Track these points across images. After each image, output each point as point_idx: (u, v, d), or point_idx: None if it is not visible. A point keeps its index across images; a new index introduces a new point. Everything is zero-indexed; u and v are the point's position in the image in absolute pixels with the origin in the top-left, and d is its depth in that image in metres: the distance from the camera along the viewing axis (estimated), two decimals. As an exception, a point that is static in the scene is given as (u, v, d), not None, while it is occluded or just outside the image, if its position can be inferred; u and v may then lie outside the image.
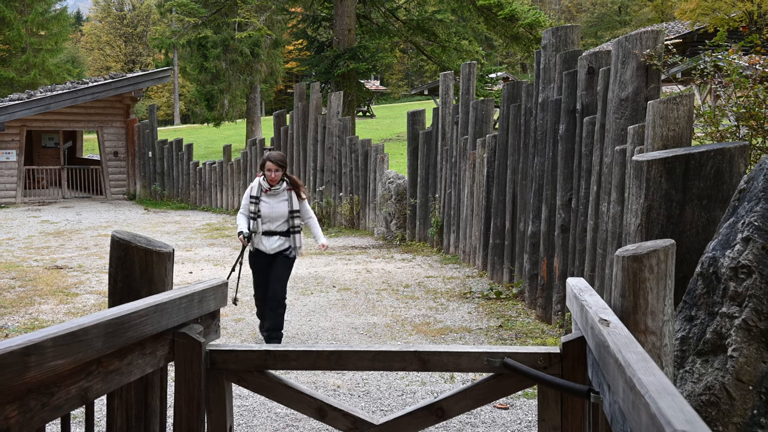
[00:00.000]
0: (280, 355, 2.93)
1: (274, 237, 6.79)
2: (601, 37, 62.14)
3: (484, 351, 2.84)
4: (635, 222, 4.41)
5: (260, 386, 3.02)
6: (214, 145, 36.18)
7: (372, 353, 2.88)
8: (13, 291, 9.13)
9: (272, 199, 6.81)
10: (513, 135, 9.13)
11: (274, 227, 6.79)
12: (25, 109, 20.58)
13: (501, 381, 2.88)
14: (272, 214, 6.76)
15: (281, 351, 2.93)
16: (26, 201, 21.50)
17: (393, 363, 2.90)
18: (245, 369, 2.98)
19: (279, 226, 6.79)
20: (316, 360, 2.93)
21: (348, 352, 2.90)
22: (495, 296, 8.72)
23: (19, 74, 42.30)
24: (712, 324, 3.35)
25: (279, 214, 6.78)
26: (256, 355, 2.94)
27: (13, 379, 1.91)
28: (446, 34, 24.79)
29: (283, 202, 6.81)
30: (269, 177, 6.73)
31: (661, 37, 6.00)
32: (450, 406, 2.89)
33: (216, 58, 27.78)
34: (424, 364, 2.87)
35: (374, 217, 14.54)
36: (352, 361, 2.92)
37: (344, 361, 2.92)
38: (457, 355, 2.86)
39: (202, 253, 12.41)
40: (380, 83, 61.03)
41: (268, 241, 6.79)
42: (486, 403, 3.02)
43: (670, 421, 1.45)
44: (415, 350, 2.87)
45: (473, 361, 2.86)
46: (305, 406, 3.00)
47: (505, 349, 2.86)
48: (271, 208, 6.79)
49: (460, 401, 2.90)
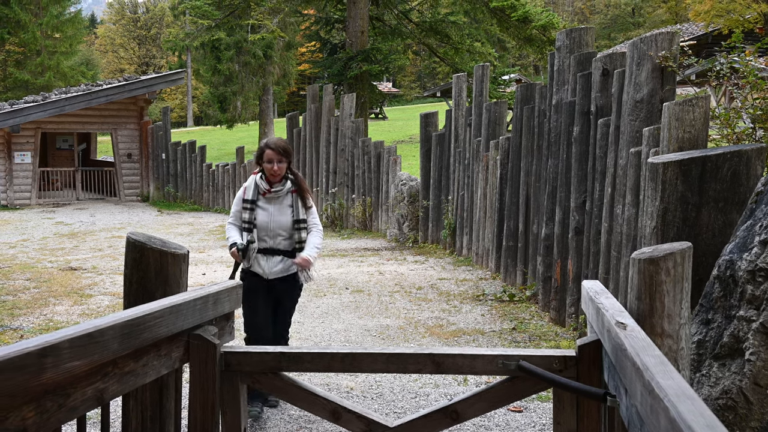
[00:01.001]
0: (294, 357, 2.92)
1: (275, 258, 5.08)
2: (614, 39, 61.94)
3: (498, 354, 2.82)
4: (650, 224, 4.38)
5: (275, 388, 3.02)
6: (226, 147, 36.29)
7: (386, 355, 2.87)
8: (28, 292, 9.18)
9: (272, 205, 5.10)
10: (526, 137, 9.10)
11: (274, 243, 5.08)
12: (40, 111, 20.72)
13: (516, 384, 2.86)
14: (272, 225, 5.07)
15: (296, 353, 2.93)
16: (41, 203, 21.63)
17: (407, 365, 2.88)
18: (260, 371, 2.97)
19: (281, 242, 5.09)
20: (330, 362, 2.92)
21: (362, 354, 2.88)
22: (508, 299, 8.70)
23: (34, 77, 42.58)
24: (729, 327, 3.33)
25: (281, 226, 5.08)
26: (270, 357, 2.94)
27: (29, 380, 1.91)
28: (459, 36, 24.78)
29: (286, 210, 5.11)
30: (270, 171, 5.04)
31: (677, 39, 5.97)
32: (464, 409, 2.87)
33: (229, 60, 27.88)
34: (438, 366, 2.85)
35: (387, 219, 14.54)
36: (366, 363, 2.90)
37: (358, 364, 2.90)
38: (472, 357, 2.84)
39: (215, 255, 12.44)
40: (393, 85, 61.11)
41: (267, 262, 5.08)
42: (501, 406, 3.01)
43: (691, 426, 1.44)
44: (430, 353, 2.85)
45: (488, 364, 2.83)
46: (319, 408, 2.98)
47: (519, 351, 2.84)
48: (269, 216, 5.09)
49: (475, 404, 2.88)
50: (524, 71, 52.30)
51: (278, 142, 5.10)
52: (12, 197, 21.05)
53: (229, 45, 27.57)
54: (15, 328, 7.44)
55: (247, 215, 5.08)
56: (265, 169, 5.05)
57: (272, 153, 5.00)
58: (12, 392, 1.86)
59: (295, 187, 5.16)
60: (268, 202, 5.10)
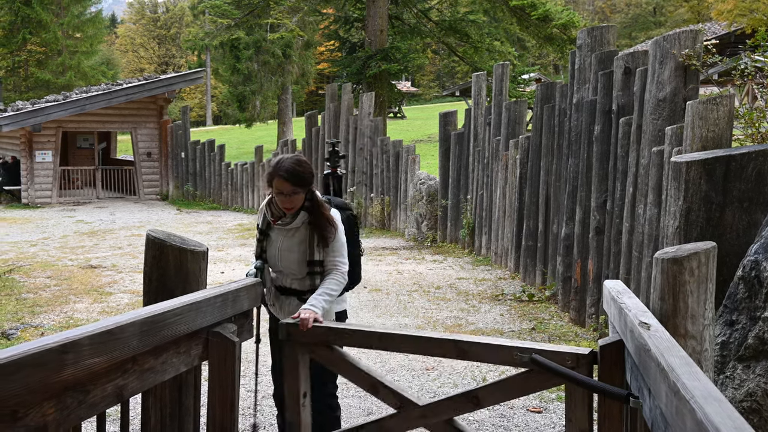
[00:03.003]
0: (339, 332, 3.36)
1: (290, 298, 3.89)
2: (635, 38, 61.52)
3: (516, 345, 2.98)
4: (673, 224, 4.33)
5: (327, 359, 3.44)
6: (245, 146, 36.41)
7: (415, 337, 3.21)
8: (49, 290, 9.24)
9: (282, 237, 3.85)
10: (546, 136, 9.04)
11: (287, 282, 3.91)
12: (61, 110, 20.87)
13: (531, 377, 2.99)
14: (283, 261, 3.86)
15: (340, 329, 3.37)
16: (61, 201, 21.79)
17: (433, 349, 3.17)
18: (314, 342, 3.36)
19: (294, 281, 3.89)
20: (369, 339, 3.34)
21: (395, 335, 3.25)
22: (527, 298, 8.65)
23: (55, 76, 42.97)
24: (754, 329, 3.28)
25: (292, 264, 3.84)
26: (321, 331, 3.36)
27: (50, 377, 1.91)
28: (478, 35, 24.70)
29: (296, 247, 3.82)
30: (281, 204, 3.73)
31: (701, 37, 5.91)
32: (485, 395, 3.10)
33: (248, 60, 27.98)
34: (461, 353, 3.10)
35: (405, 218, 14.52)
36: (397, 343, 3.28)
37: (392, 343, 3.29)
38: (492, 347, 3.03)
39: (234, 253, 12.47)
40: (411, 84, 61.04)
41: (281, 303, 3.93)
42: (517, 396, 3.28)
43: (719, 428, 1.41)
44: (455, 339, 3.10)
45: (506, 355, 3.00)
46: (361, 380, 3.38)
47: (536, 345, 2.97)
48: (276, 251, 3.88)
49: (494, 393, 3.10)
50: (544, 70, 52.09)
51: (292, 167, 3.66)
52: (33, 195, 21.23)
53: (249, 44, 27.68)
54: (36, 326, 7.50)
55: (257, 247, 3.94)
56: (276, 200, 3.74)
57: (283, 183, 3.64)
58: (33, 388, 1.86)
59: (311, 216, 3.77)
60: (278, 231, 3.86)
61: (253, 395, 4.18)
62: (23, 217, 18.26)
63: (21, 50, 43.99)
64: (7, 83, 42.14)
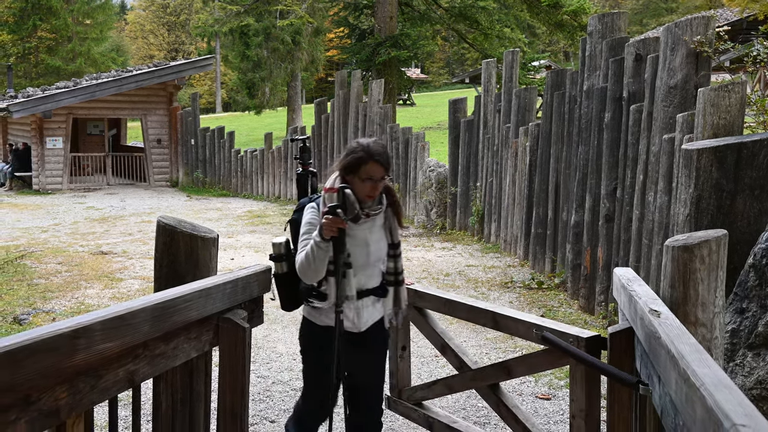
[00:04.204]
0: (420, 294, 4.16)
1: (367, 300, 3.43)
2: (646, 24, 61.11)
3: (533, 322, 3.44)
4: (684, 212, 4.32)
5: (415, 320, 4.31)
6: (255, 132, 36.42)
7: (468, 306, 3.88)
8: (60, 276, 9.29)
9: (368, 231, 3.37)
10: (557, 123, 9.01)
11: (367, 282, 3.42)
12: (71, 97, 20.92)
13: (550, 353, 3.42)
14: (374, 255, 3.40)
15: (421, 292, 4.16)
16: (72, 187, 21.87)
17: (479, 317, 3.80)
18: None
19: (373, 277, 3.43)
20: (438, 304, 4.08)
21: (455, 302, 3.96)
22: (537, 286, 8.65)
23: (66, 63, 43.09)
24: (764, 317, 3.27)
25: (382, 253, 3.43)
26: (410, 293, 4.01)
27: (62, 361, 1.93)
28: (488, 22, 24.57)
29: (381, 232, 3.44)
30: (367, 192, 3.27)
31: (713, 23, 5.86)
32: (514, 366, 3.70)
33: (257, 47, 27.94)
34: (495, 323, 3.69)
35: (414, 206, 14.51)
36: (457, 310, 3.94)
37: (452, 308, 3.98)
38: (518, 322, 3.54)
39: (244, 240, 12.50)
40: (421, 71, 60.85)
41: (358, 309, 3.41)
42: (541, 370, 3.85)
43: (729, 415, 1.41)
44: (493, 311, 3.71)
45: (528, 330, 3.46)
46: (434, 340, 4.23)
47: (550, 324, 3.39)
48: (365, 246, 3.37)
49: (519, 365, 3.69)
50: (554, 57, 51.84)
51: (384, 150, 3.30)
52: (44, 182, 21.32)
53: (258, 31, 27.63)
54: (47, 311, 7.55)
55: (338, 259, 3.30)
56: (357, 188, 3.25)
57: (377, 168, 3.23)
58: (45, 373, 1.88)
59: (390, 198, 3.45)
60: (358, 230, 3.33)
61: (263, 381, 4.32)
62: (34, 204, 18.34)
63: (31, 37, 44.13)
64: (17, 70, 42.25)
